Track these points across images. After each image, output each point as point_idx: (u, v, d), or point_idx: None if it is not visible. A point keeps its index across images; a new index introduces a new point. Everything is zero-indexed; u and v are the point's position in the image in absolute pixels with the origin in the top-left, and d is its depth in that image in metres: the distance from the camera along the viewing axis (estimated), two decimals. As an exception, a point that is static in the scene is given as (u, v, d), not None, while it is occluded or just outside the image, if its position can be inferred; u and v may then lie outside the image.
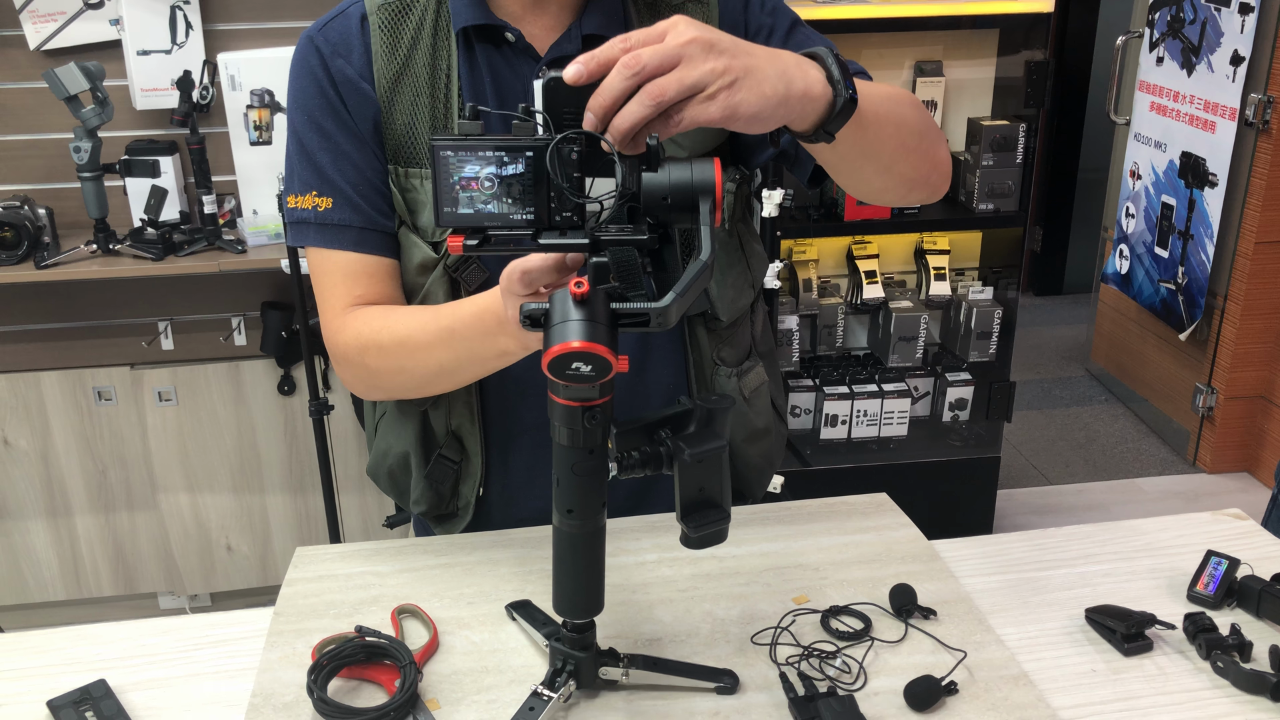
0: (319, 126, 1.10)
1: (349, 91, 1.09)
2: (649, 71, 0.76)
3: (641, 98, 0.75)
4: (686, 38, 0.77)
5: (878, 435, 2.91)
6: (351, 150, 1.10)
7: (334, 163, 1.10)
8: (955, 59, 2.80)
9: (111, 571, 2.74)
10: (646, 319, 0.74)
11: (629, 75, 0.75)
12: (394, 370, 1.09)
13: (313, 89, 1.10)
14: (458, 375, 1.08)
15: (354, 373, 1.12)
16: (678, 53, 0.76)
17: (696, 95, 0.77)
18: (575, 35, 1.09)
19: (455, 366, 1.05)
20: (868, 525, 1.19)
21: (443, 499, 1.23)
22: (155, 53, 2.30)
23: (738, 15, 1.14)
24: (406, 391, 1.14)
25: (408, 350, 1.06)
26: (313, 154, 1.10)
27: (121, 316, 2.55)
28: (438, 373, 1.07)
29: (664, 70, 0.76)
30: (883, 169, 1.01)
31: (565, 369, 0.73)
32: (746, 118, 0.80)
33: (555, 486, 0.86)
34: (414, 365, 1.07)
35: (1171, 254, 3.48)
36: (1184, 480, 3.44)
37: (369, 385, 1.14)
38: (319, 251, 1.12)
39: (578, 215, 0.80)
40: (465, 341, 1.01)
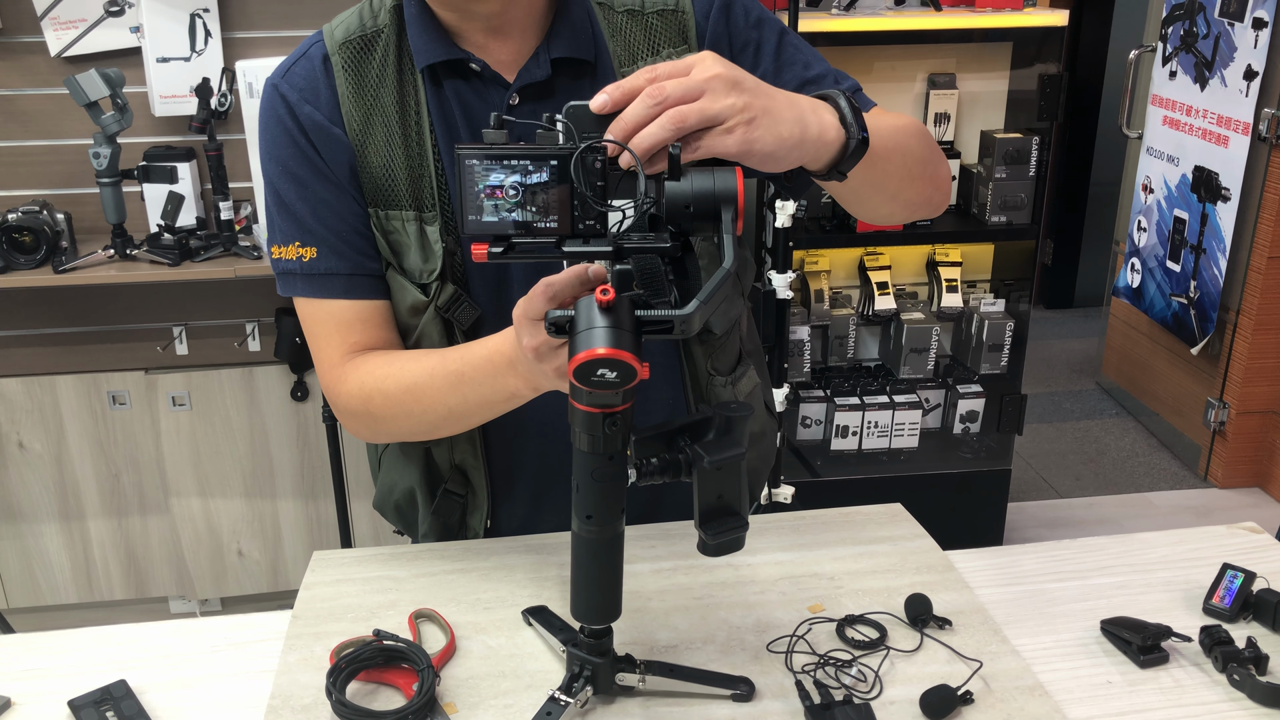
0: (294, 175, 1.07)
1: (320, 138, 1.07)
2: (672, 102, 0.78)
3: (663, 121, 0.78)
4: (712, 73, 0.80)
5: (888, 447, 2.91)
6: (329, 197, 1.07)
7: (313, 211, 1.08)
8: (968, 72, 2.81)
9: (123, 575, 2.75)
10: (670, 325, 0.75)
11: (652, 105, 0.78)
12: (401, 416, 1.08)
13: (283, 138, 1.08)
14: (467, 420, 1.07)
15: (359, 422, 1.12)
16: (701, 86, 0.79)
17: (715, 127, 0.80)
18: (544, 60, 1.07)
19: (464, 411, 1.05)
20: (882, 535, 1.19)
21: (451, 530, 1.24)
22: (175, 60, 2.32)
23: (719, 28, 1.11)
24: (414, 436, 1.14)
25: (414, 397, 1.06)
26: (291, 204, 1.08)
27: (137, 321, 2.56)
28: (446, 417, 1.06)
29: (687, 101, 0.79)
30: (889, 197, 1.04)
31: (591, 375, 0.74)
32: (761, 155, 0.83)
33: (575, 492, 0.86)
34: (422, 411, 1.06)
35: (1183, 268, 3.48)
36: (1195, 495, 3.43)
37: (375, 432, 1.13)
38: (310, 302, 1.10)
39: (601, 223, 0.80)
40: (474, 385, 1.01)
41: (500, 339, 0.98)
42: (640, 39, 1.10)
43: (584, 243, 0.80)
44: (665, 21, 1.10)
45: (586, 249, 0.80)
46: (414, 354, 1.09)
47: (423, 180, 1.07)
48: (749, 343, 1.27)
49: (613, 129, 0.79)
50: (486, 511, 1.21)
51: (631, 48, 1.10)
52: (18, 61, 2.33)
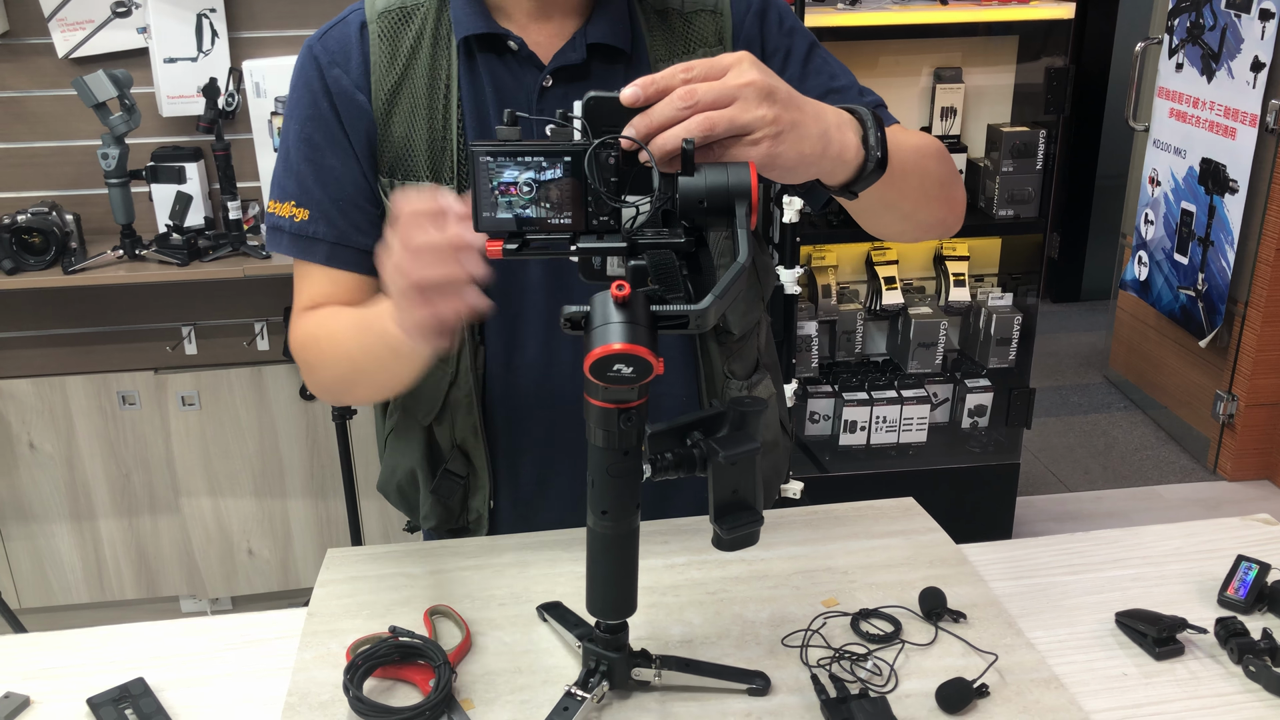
0: (308, 138, 1.09)
1: (344, 103, 1.08)
2: (703, 106, 0.78)
3: (690, 125, 0.77)
4: (747, 79, 0.79)
5: (897, 441, 2.91)
6: (336, 164, 1.09)
7: (316, 175, 1.09)
8: (974, 65, 2.81)
9: (134, 575, 2.76)
10: (685, 320, 0.75)
11: (683, 106, 0.78)
12: (319, 365, 1.10)
13: (307, 99, 1.09)
14: (368, 373, 1.05)
15: (302, 368, 1.13)
16: (734, 93, 0.79)
17: (742, 136, 0.79)
18: (580, 44, 1.08)
19: (363, 361, 1.03)
20: (895, 529, 1.19)
21: (452, 513, 1.24)
22: (182, 60, 2.32)
23: (753, 32, 1.12)
24: (337, 389, 1.15)
25: (332, 343, 1.07)
26: (297, 164, 1.10)
27: (146, 321, 2.57)
28: (350, 369, 1.06)
29: (718, 107, 0.78)
30: (902, 216, 1.05)
31: (607, 371, 0.74)
32: (782, 169, 0.83)
33: (590, 488, 0.87)
34: (334, 358, 1.07)
35: (1191, 260, 3.47)
36: (1204, 488, 3.43)
37: (311, 383, 1.14)
38: (298, 264, 1.13)
39: (615, 219, 0.81)
40: (368, 330, 0.99)
41: None
42: (678, 37, 1.11)
43: (598, 239, 0.81)
44: (703, 22, 1.12)
45: (600, 245, 0.80)
46: (349, 307, 1.10)
47: (444, 154, 1.08)
48: (766, 356, 1.28)
49: (637, 124, 0.78)
50: (489, 492, 1.21)
51: (669, 45, 1.11)
52: (25, 63, 2.33)
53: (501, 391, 1.17)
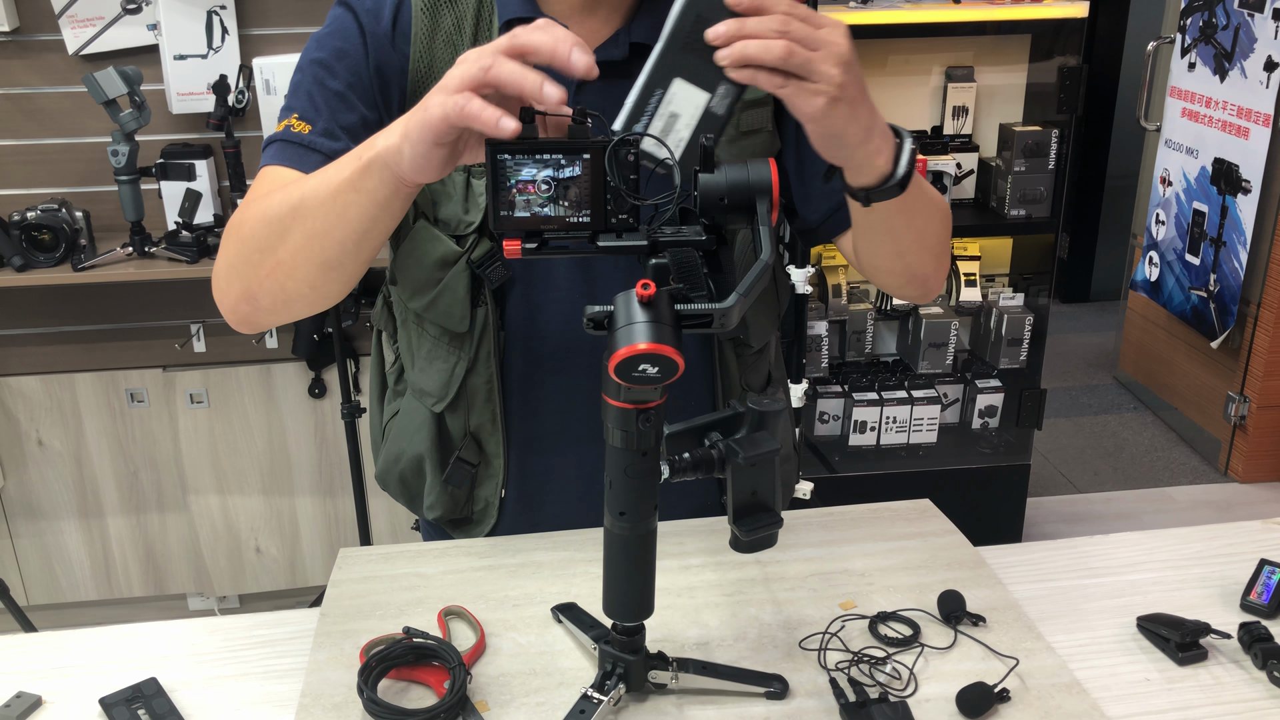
0: (326, 65, 1.05)
1: (377, 47, 1.06)
2: (793, 37, 0.83)
3: (775, 45, 0.82)
4: (836, 40, 0.84)
5: (907, 442, 2.90)
6: (350, 95, 1.04)
7: (325, 98, 1.04)
8: (986, 64, 2.79)
9: (142, 572, 2.76)
10: (709, 319, 0.74)
11: (775, 28, 0.82)
12: (249, 221, 0.96)
13: (337, 33, 1.06)
14: (305, 218, 0.91)
15: (221, 248, 1.01)
16: (821, 44, 0.84)
17: (809, 82, 0.84)
18: (623, 41, 1.08)
19: (309, 199, 0.90)
20: (912, 531, 1.18)
21: (458, 503, 1.22)
22: (192, 57, 2.32)
23: None
24: (251, 258, 0.96)
25: (276, 195, 0.94)
26: (308, 86, 1.05)
27: (155, 319, 2.57)
28: (285, 215, 0.92)
29: (804, 46, 0.83)
30: (897, 252, 1.07)
31: (632, 371, 0.73)
32: (822, 133, 0.88)
33: (608, 489, 0.86)
34: (270, 209, 0.94)
35: (1203, 261, 3.45)
36: (1216, 490, 3.41)
37: (226, 254, 1.00)
38: (274, 169, 1.02)
39: (634, 217, 0.80)
40: (341, 163, 0.89)
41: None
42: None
43: (617, 237, 0.80)
44: None
45: (620, 243, 0.79)
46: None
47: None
48: (777, 369, 1.28)
49: (730, 24, 0.83)
50: (500, 482, 1.20)
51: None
52: (36, 60, 2.33)
53: (519, 380, 1.16)
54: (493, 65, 0.78)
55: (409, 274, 1.16)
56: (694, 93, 0.86)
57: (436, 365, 1.17)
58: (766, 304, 1.19)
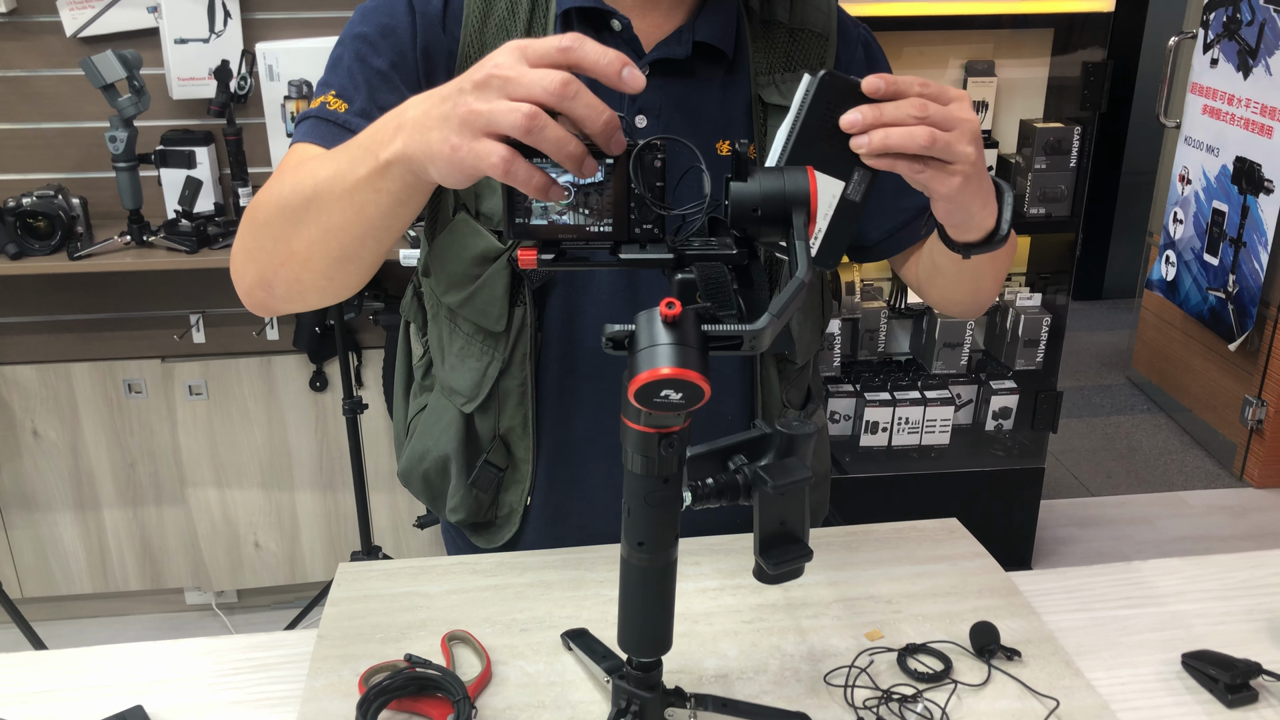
0: (370, 41, 0.99)
1: (426, 26, 1.00)
2: (933, 121, 0.83)
3: (918, 132, 0.82)
4: (968, 116, 0.85)
5: (919, 443, 2.84)
6: (392, 75, 0.99)
7: (366, 76, 0.98)
8: (1005, 58, 2.72)
9: (138, 566, 2.71)
10: (739, 341, 0.68)
11: (915, 115, 0.82)
12: (266, 204, 0.90)
13: (384, 7, 1.00)
14: (320, 207, 0.84)
15: (240, 232, 0.95)
16: (956, 123, 0.84)
17: (946, 163, 0.84)
18: (686, 39, 1.02)
19: (325, 185, 0.83)
20: (940, 554, 1.13)
21: (482, 507, 1.17)
22: (193, 41, 2.25)
23: (862, 68, 1.11)
24: (269, 242, 0.90)
25: (295, 175, 0.88)
26: (349, 62, 0.99)
27: (153, 309, 2.51)
28: (302, 203, 0.85)
29: (942, 129, 0.83)
30: (974, 290, 1.10)
31: (654, 396, 0.67)
32: (951, 209, 0.90)
33: (625, 517, 0.80)
34: (288, 192, 0.87)
35: (1222, 261, 3.39)
36: (1231, 495, 3.35)
37: (244, 238, 0.94)
38: (304, 148, 0.96)
39: (659, 228, 0.74)
40: (351, 145, 0.82)
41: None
42: (780, 52, 1.08)
43: (641, 248, 0.74)
44: (808, 43, 1.08)
45: (644, 255, 0.73)
46: None
47: None
48: (815, 384, 1.22)
49: (865, 112, 0.82)
50: (528, 488, 1.15)
51: (770, 58, 1.07)
52: (33, 41, 2.27)
53: (553, 384, 1.11)
54: (576, 94, 0.67)
55: (446, 268, 1.10)
56: (828, 182, 0.85)
57: (469, 364, 1.12)
58: (812, 317, 1.14)
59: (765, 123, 1.06)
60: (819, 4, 1.11)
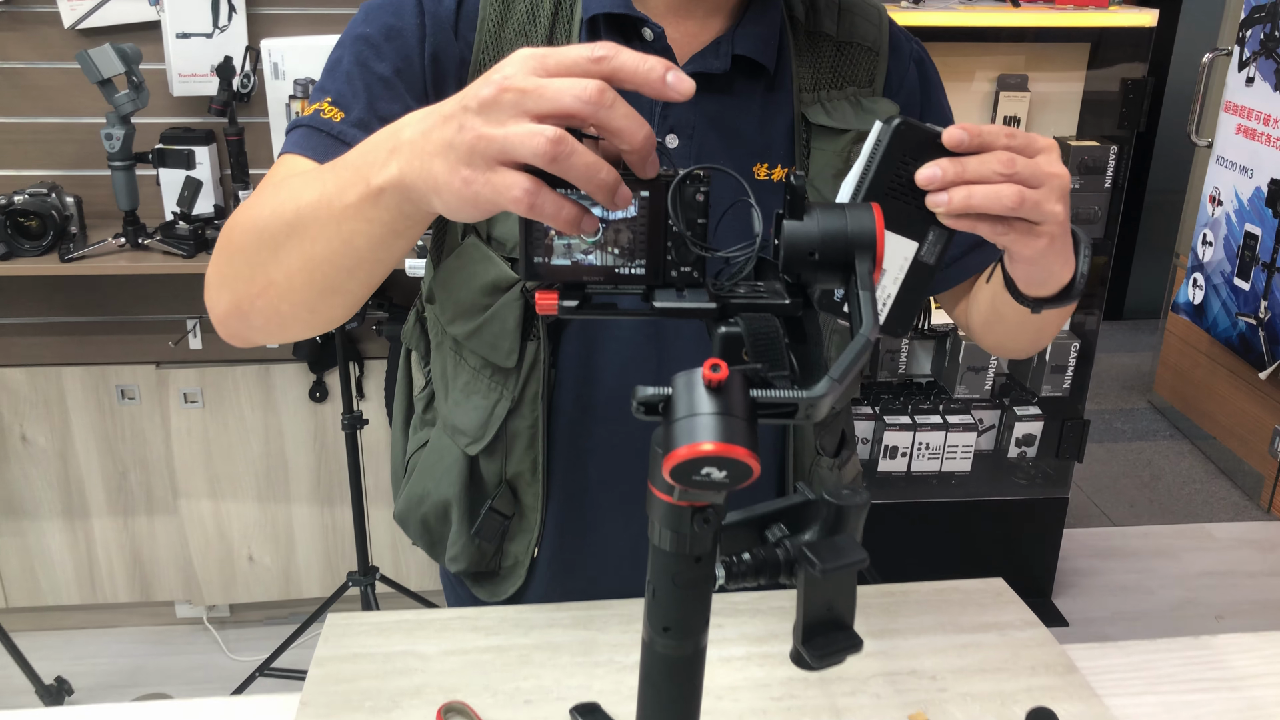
0: (373, 43, 0.89)
1: (436, 28, 0.90)
2: (1020, 179, 0.74)
3: (1004, 193, 0.73)
4: (1058, 170, 0.76)
5: (939, 470, 2.74)
6: (396, 82, 0.89)
7: (367, 82, 0.88)
8: (1039, 72, 2.62)
9: (128, 577, 2.62)
10: (793, 409, 0.58)
11: (1002, 171, 0.73)
12: (244, 226, 0.80)
13: (390, 6, 0.91)
14: (301, 234, 0.74)
15: (214, 256, 0.85)
16: (1045, 180, 0.75)
17: (1032, 224, 0.75)
18: (725, 53, 0.93)
19: (307, 216, 0.73)
20: (987, 621, 1.03)
21: (485, 557, 1.08)
22: (195, 36, 2.16)
23: (914, 85, 1.02)
24: (246, 270, 0.79)
25: (275, 195, 0.78)
26: (348, 66, 0.89)
27: (149, 313, 2.42)
28: (281, 228, 0.75)
29: (1030, 186, 0.74)
30: (1034, 341, 1.03)
31: (693, 474, 0.57)
32: (1033, 270, 0.82)
33: (649, 597, 0.70)
34: (267, 215, 0.77)
35: (1254, 286, 3.28)
36: (1258, 528, 3.25)
37: (219, 263, 0.84)
38: (293, 160, 0.86)
39: (699, 271, 0.64)
40: (339, 167, 0.71)
41: None
42: (826, 67, 0.98)
43: (678, 295, 0.64)
44: (858, 58, 0.99)
45: (683, 304, 0.63)
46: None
47: None
48: (849, 427, 1.12)
49: (945, 167, 0.73)
50: (535, 539, 1.05)
51: (815, 73, 0.98)
52: (29, 32, 2.18)
53: (566, 426, 1.01)
54: (613, 103, 0.58)
55: (452, 295, 1.00)
56: (900, 243, 0.77)
57: (474, 400, 1.02)
58: None
59: (809, 145, 0.97)
60: (869, 15, 1.01)
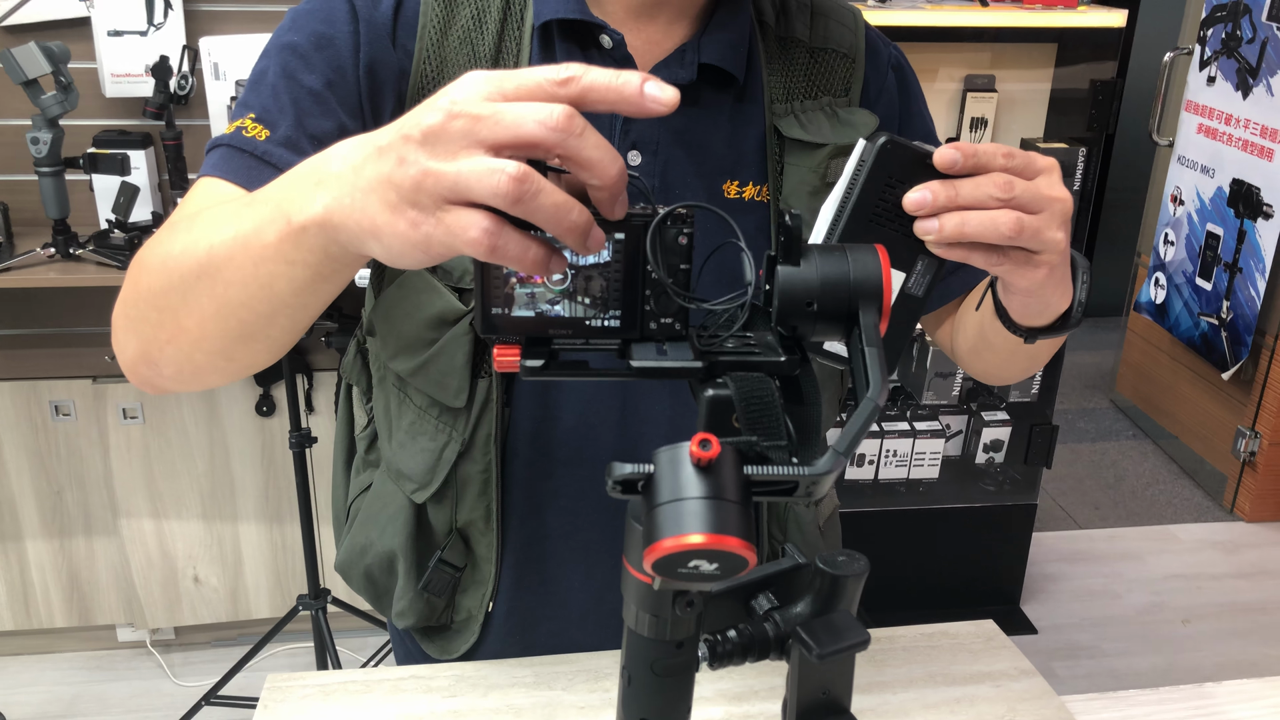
0: (301, 53, 0.81)
1: (374, 38, 0.81)
2: (1018, 204, 0.67)
3: (1001, 220, 0.67)
4: (1060, 194, 0.69)
5: (906, 477, 2.69)
6: (328, 96, 0.80)
7: (295, 96, 0.79)
8: (1005, 72, 2.57)
9: (65, 601, 2.49)
10: (793, 487, 0.51)
11: (999, 196, 0.67)
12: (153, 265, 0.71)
13: (320, 12, 0.82)
14: (220, 284, 0.65)
15: (120, 306, 0.75)
16: (1046, 204, 0.68)
17: (1033, 254, 0.69)
18: (691, 61, 0.86)
19: (221, 253, 0.64)
20: (979, 671, 0.96)
21: (435, 611, 0.99)
22: (129, 34, 2.04)
23: (894, 92, 0.95)
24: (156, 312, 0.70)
25: (190, 230, 0.69)
26: (274, 78, 0.81)
27: (83, 324, 2.29)
28: (196, 271, 0.66)
29: (1029, 212, 0.68)
30: (1027, 368, 0.94)
31: (679, 567, 0.49)
32: (1029, 300, 0.76)
33: (624, 685, 0.62)
34: (180, 250, 0.68)
35: (1215, 287, 3.27)
36: (1221, 529, 3.24)
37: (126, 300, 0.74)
38: (213, 184, 0.78)
39: (681, 323, 0.56)
40: (259, 201, 0.63)
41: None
42: (799, 75, 0.91)
43: (659, 351, 0.56)
44: (832, 65, 0.92)
45: (664, 362, 0.55)
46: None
47: None
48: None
49: (936, 190, 0.67)
50: (490, 592, 0.97)
51: (788, 82, 0.91)
52: (-51, 29, 2.05)
53: (522, 470, 0.93)
54: (583, 131, 0.50)
55: (394, 328, 0.92)
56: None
57: (420, 443, 0.94)
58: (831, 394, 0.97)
59: (782, 160, 0.89)
60: (844, 19, 0.94)
